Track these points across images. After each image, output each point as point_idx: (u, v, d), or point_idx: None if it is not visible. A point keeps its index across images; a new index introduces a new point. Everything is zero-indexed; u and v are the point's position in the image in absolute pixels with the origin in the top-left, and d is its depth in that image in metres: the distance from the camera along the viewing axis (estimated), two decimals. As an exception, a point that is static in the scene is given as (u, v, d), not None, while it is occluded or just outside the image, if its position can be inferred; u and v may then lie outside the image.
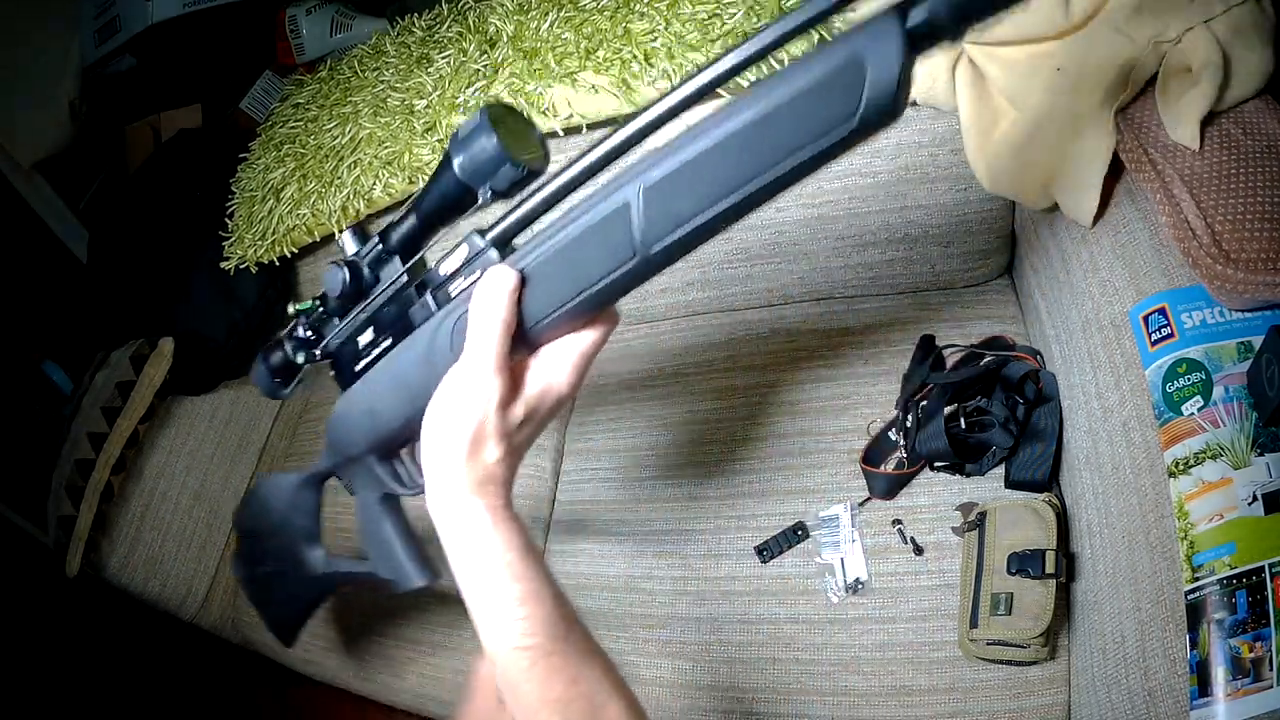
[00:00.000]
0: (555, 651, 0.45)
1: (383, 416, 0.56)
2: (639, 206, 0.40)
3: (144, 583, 1.22)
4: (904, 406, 0.92)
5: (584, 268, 0.42)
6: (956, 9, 0.34)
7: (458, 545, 0.46)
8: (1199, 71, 0.67)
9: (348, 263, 0.53)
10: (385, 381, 0.55)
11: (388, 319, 0.54)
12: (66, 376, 1.51)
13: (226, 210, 1.27)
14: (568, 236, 0.43)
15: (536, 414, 0.47)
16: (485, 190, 0.46)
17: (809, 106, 0.35)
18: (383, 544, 0.64)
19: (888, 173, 0.95)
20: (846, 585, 0.85)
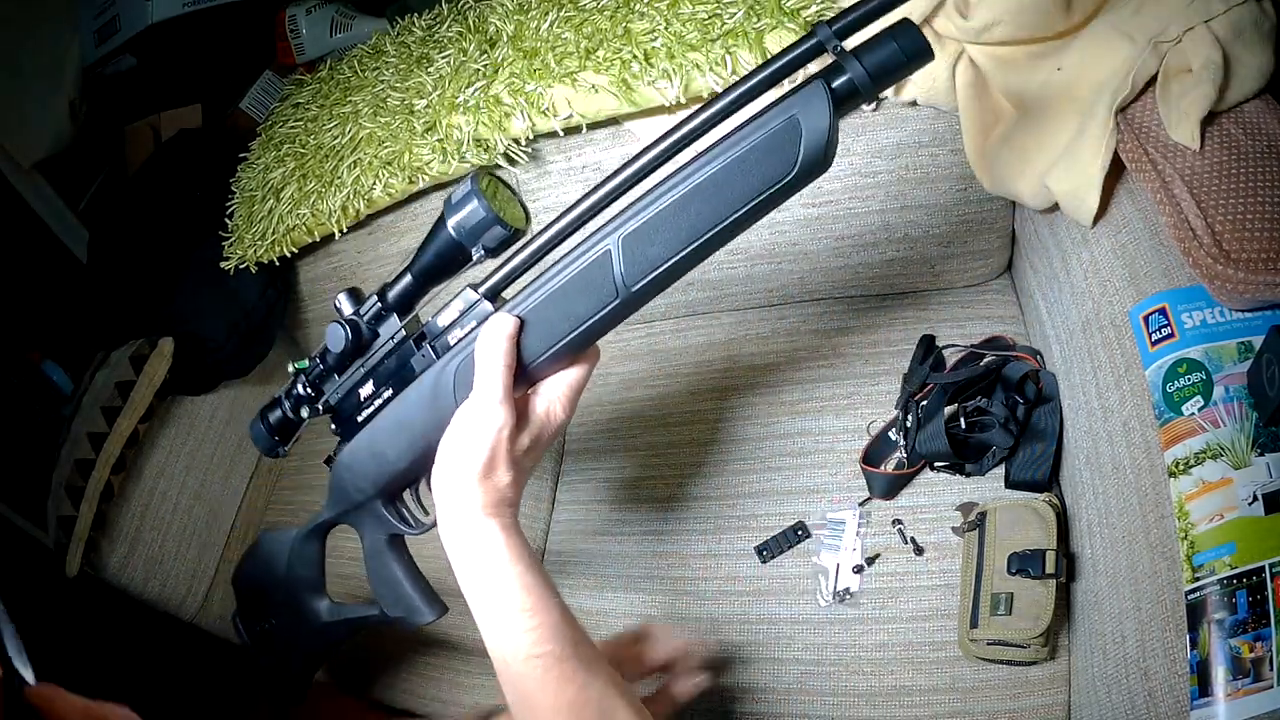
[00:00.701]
0: (566, 658, 0.48)
1: (389, 459, 0.61)
2: (619, 253, 0.47)
3: (144, 583, 1.22)
4: (904, 406, 0.92)
5: (574, 309, 0.49)
6: (872, 75, 0.42)
7: (471, 563, 0.50)
8: (1199, 71, 0.67)
9: (348, 321, 0.58)
10: (391, 427, 0.59)
11: (388, 371, 0.59)
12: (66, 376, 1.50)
13: (226, 210, 1.27)
14: (559, 283, 0.49)
15: (539, 440, 0.53)
16: (478, 249, 0.52)
17: (756, 162, 0.43)
18: (392, 583, 0.67)
19: (888, 173, 0.95)
20: (834, 591, 0.85)
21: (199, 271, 1.27)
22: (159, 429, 1.28)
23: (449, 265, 0.55)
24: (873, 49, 0.43)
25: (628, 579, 0.96)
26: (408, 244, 1.22)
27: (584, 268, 0.48)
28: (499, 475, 0.51)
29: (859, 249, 1.03)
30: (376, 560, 0.68)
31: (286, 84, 1.37)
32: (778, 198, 0.44)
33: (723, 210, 0.45)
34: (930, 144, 0.93)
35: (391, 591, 0.67)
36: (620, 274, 0.47)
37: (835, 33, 0.43)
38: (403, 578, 0.67)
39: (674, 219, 0.45)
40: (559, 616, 0.49)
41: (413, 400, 0.57)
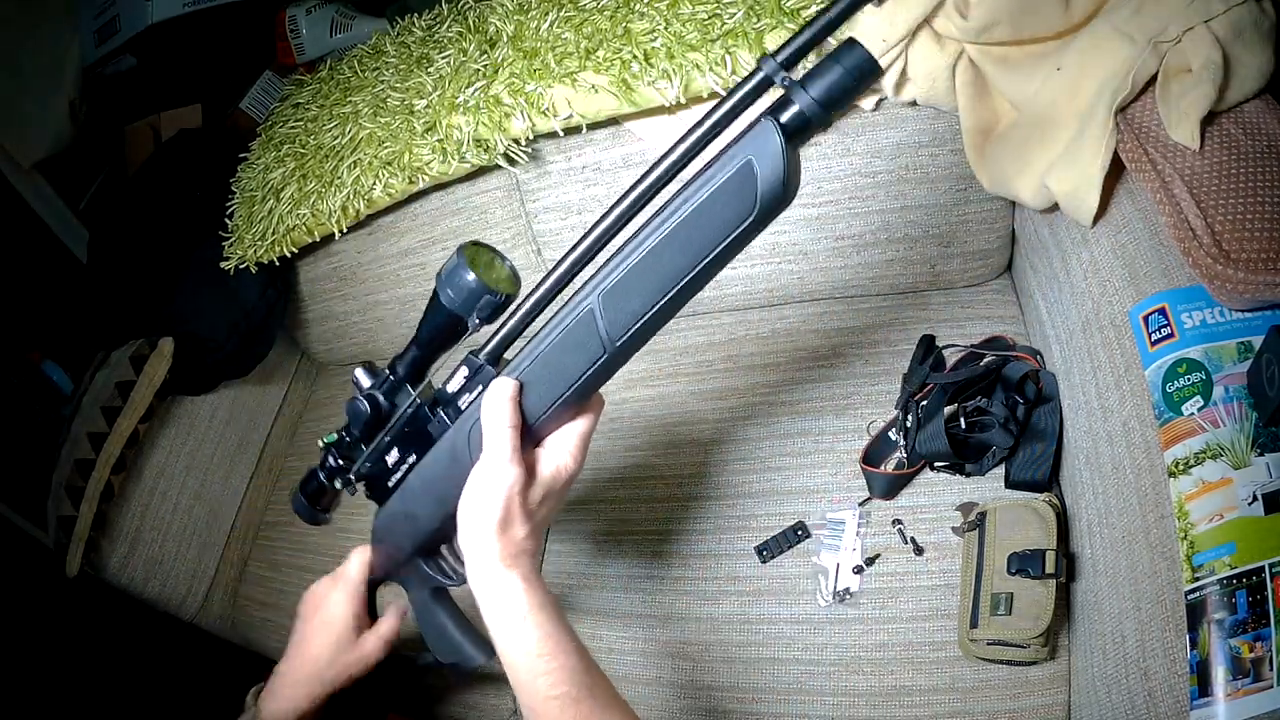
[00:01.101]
0: (581, 700, 0.51)
1: (421, 520, 0.64)
2: (600, 311, 0.48)
3: (144, 583, 1.22)
4: (904, 406, 0.92)
5: (566, 368, 0.51)
6: (822, 103, 0.42)
7: (494, 611, 0.54)
8: (1199, 71, 0.67)
9: (366, 396, 0.62)
10: (419, 490, 0.62)
11: (408, 438, 0.62)
12: (66, 376, 1.51)
13: (226, 210, 1.27)
14: (550, 344, 0.51)
15: (552, 493, 0.56)
16: (473, 318, 0.55)
17: (718, 209, 0.44)
18: (442, 632, 0.70)
19: (888, 173, 0.95)
20: (834, 592, 0.85)
21: (199, 271, 1.27)
22: (159, 429, 1.28)
23: (449, 335, 0.58)
24: (819, 76, 0.42)
25: (628, 578, 0.96)
26: (407, 244, 1.22)
27: (571, 327, 0.50)
28: (515, 529, 0.54)
29: (859, 249, 1.03)
30: (425, 612, 0.71)
31: (286, 84, 1.37)
32: (745, 238, 0.45)
33: (693, 258, 0.46)
34: (930, 144, 0.93)
35: (442, 640, 0.70)
36: (605, 330, 0.49)
37: (782, 64, 0.43)
38: (451, 627, 0.70)
39: (647, 272, 0.47)
40: (576, 661, 0.53)
41: (434, 463, 0.60)
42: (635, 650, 0.91)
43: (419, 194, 1.14)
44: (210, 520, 1.31)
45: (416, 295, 1.29)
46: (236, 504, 1.35)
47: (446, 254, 1.28)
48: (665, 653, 0.90)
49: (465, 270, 0.53)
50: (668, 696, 0.88)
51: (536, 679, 0.52)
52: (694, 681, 0.87)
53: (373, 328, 1.37)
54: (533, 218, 1.12)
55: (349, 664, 0.70)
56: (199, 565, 1.28)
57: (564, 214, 1.09)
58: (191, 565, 1.27)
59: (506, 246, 1.18)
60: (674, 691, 0.88)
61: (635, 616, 0.93)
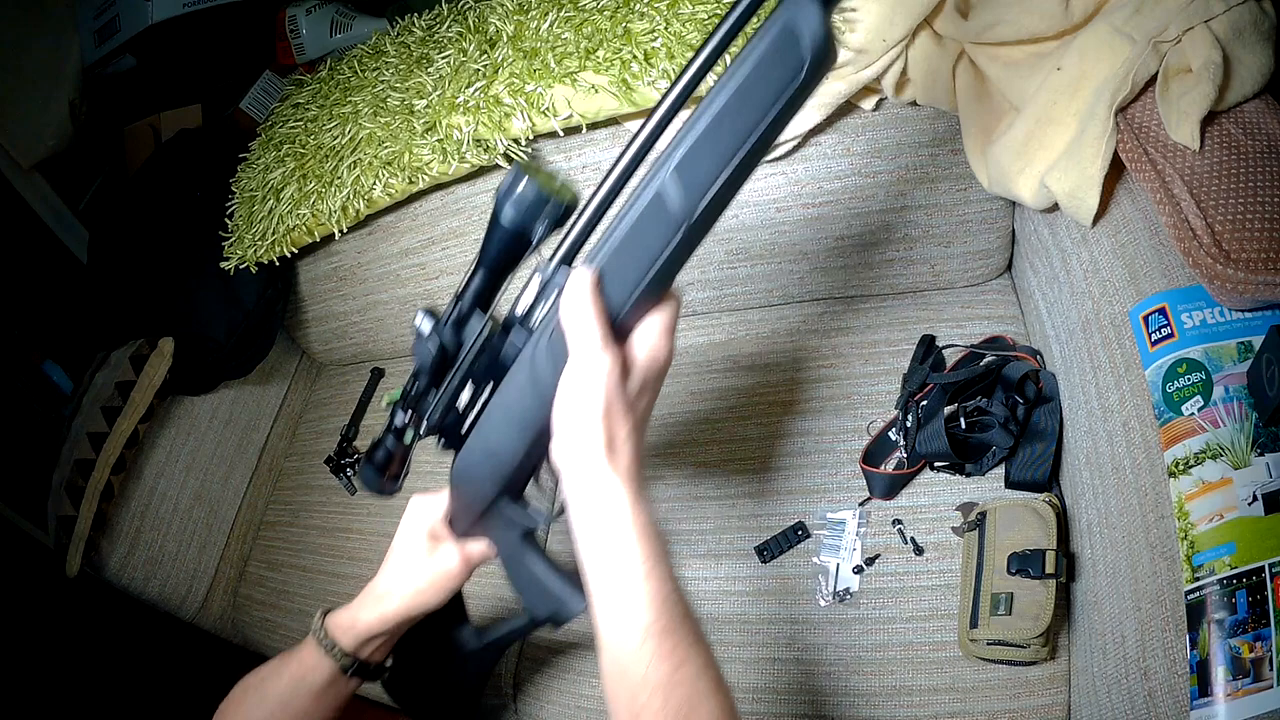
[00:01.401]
0: (667, 631, 0.47)
1: (504, 455, 0.60)
2: (673, 185, 0.48)
3: (144, 583, 1.22)
4: (904, 406, 0.92)
5: (644, 250, 0.50)
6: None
7: (590, 521, 0.50)
8: (1199, 71, 0.67)
9: (431, 335, 0.58)
10: (497, 422, 0.59)
11: (481, 371, 0.58)
12: (66, 376, 1.51)
13: (226, 210, 1.27)
14: (623, 232, 0.50)
15: (649, 382, 0.52)
16: (538, 228, 0.53)
17: (769, 72, 0.46)
18: (534, 581, 0.66)
19: (888, 173, 0.95)
20: (835, 591, 0.85)
21: (199, 271, 1.27)
22: (159, 429, 1.28)
23: (514, 253, 0.55)
24: None
25: (628, 579, 0.96)
26: (407, 244, 1.22)
27: (644, 208, 0.49)
28: (617, 425, 0.50)
29: (859, 249, 1.03)
30: (514, 563, 0.67)
31: (286, 84, 1.37)
32: (798, 98, 0.47)
33: (751, 121, 0.47)
34: (930, 144, 0.93)
35: (536, 590, 0.66)
36: (679, 203, 0.49)
37: None
38: (544, 573, 0.65)
39: (712, 140, 0.48)
40: (670, 589, 0.48)
41: (513, 387, 0.57)
42: (635, 650, 0.91)
43: (419, 194, 1.14)
44: (210, 520, 1.31)
45: (416, 295, 1.29)
46: (236, 504, 1.35)
47: (446, 254, 1.29)
48: (665, 653, 0.90)
49: (525, 181, 0.52)
50: (668, 696, 0.88)
51: (624, 600, 0.47)
52: (694, 681, 0.87)
53: (373, 328, 1.37)
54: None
55: (425, 575, 0.66)
56: (199, 565, 1.28)
57: (564, 214, 1.09)
58: (191, 565, 1.27)
59: (506, 246, 1.18)
60: (674, 691, 0.88)
61: (635, 616, 0.93)
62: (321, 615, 0.69)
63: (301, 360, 1.54)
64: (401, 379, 1.40)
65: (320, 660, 0.67)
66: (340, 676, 0.68)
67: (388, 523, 0.79)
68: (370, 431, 1.34)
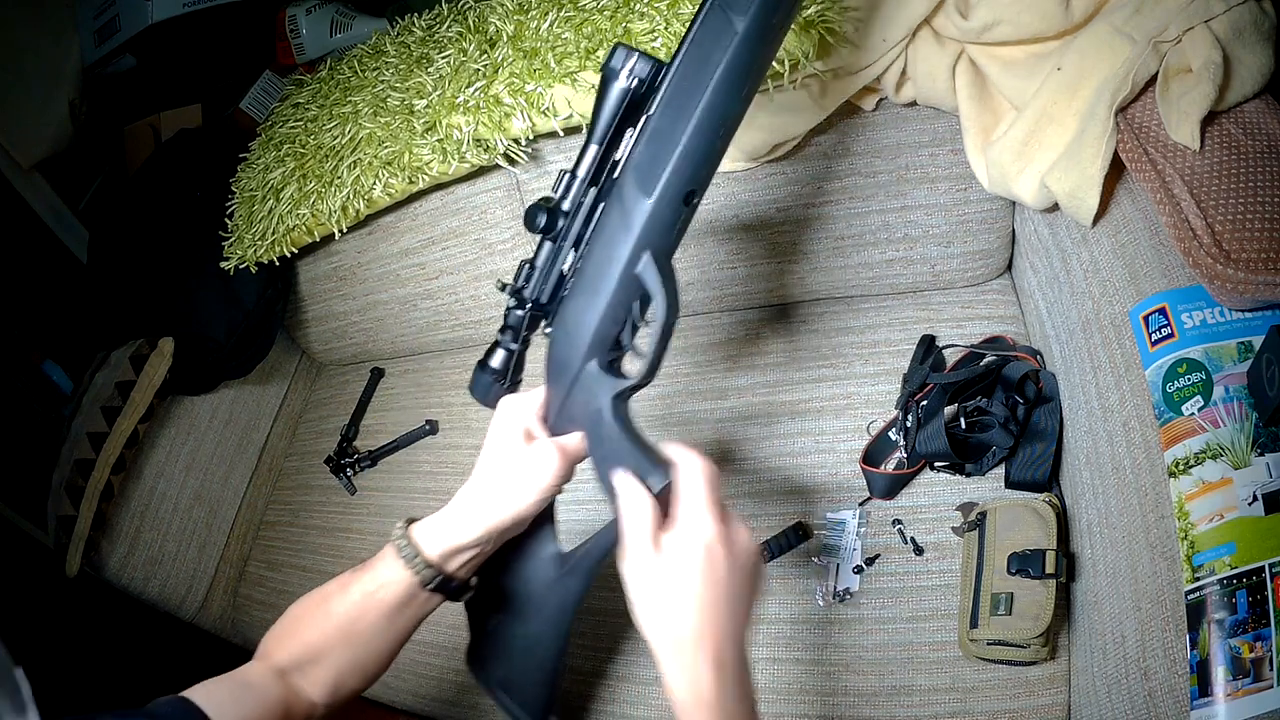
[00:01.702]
0: None
1: (598, 300, 0.59)
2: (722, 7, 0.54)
3: (144, 583, 1.22)
4: (904, 406, 0.92)
5: (708, 63, 0.55)
6: None
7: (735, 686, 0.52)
8: (1199, 71, 0.67)
9: (544, 205, 0.61)
10: (598, 262, 0.59)
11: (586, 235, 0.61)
12: (66, 376, 1.50)
13: (226, 210, 1.27)
14: (687, 51, 0.55)
15: None
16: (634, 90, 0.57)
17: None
18: (617, 458, 0.62)
19: (888, 173, 0.95)
20: (835, 591, 0.85)
21: (199, 271, 1.27)
22: (159, 429, 1.28)
23: (626, 116, 0.58)
24: None
25: (628, 579, 0.96)
26: (407, 244, 1.22)
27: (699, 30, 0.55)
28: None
29: (859, 249, 1.03)
30: (600, 443, 0.62)
31: (286, 84, 1.37)
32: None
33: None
34: (930, 144, 0.93)
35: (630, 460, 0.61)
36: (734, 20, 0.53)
37: None
38: (628, 448, 0.61)
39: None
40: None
41: (606, 229, 0.58)
42: (635, 650, 0.91)
43: (419, 194, 1.14)
44: (210, 520, 1.31)
45: (416, 295, 1.29)
46: (236, 504, 1.35)
47: (446, 254, 1.29)
48: (665, 653, 0.90)
49: (635, 54, 0.56)
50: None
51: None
52: (694, 681, 0.87)
53: (372, 328, 1.37)
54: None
55: (523, 474, 0.61)
56: (198, 565, 1.28)
57: (564, 214, 1.09)
58: (191, 565, 1.27)
59: (507, 246, 1.18)
60: (674, 691, 0.87)
61: (635, 616, 0.93)
62: (405, 524, 0.63)
63: (301, 360, 1.54)
64: (401, 378, 1.40)
65: (398, 573, 0.61)
66: (419, 592, 0.61)
67: (387, 523, 0.79)
68: (370, 431, 1.34)
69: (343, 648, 0.61)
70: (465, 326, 1.31)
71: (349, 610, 0.62)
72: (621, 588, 0.99)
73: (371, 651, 0.62)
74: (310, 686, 0.61)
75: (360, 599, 0.62)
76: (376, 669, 0.64)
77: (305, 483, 1.35)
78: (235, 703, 0.57)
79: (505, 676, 0.71)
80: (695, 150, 0.55)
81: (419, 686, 1.03)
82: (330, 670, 0.61)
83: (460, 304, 1.27)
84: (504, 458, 0.62)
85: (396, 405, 1.35)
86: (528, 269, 0.63)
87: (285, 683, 0.60)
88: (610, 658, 0.92)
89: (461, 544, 0.61)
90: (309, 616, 0.63)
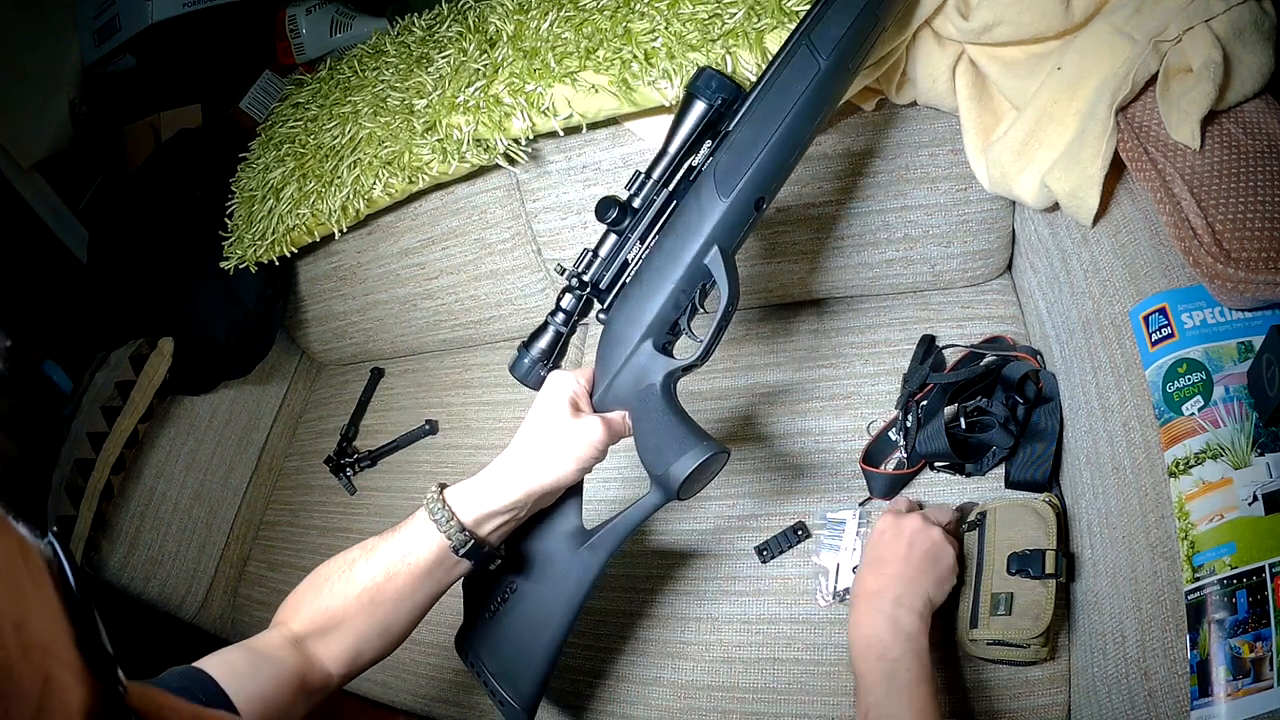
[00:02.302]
0: None
1: (665, 283, 0.66)
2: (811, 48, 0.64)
3: (144, 583, 1.22)
4: (904, 406, 0.92)
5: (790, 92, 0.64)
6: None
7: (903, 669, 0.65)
8: (1200, 71, 0.67)
9: (612, 199, 0.68)
10: (664, 253, 0.66)
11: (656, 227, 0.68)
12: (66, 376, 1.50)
13: (226, 210, 1.27)
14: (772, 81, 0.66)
15: None
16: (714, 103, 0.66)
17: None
18: (659, 433, 0.65)
19: (888, 173, 0.95)
20: (835, 591, 0.85)
21: (199, 271, 1.27)
22: (159, 429, 1.28)
23: (704, 131, 0.66)
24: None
25: (628, 578, 0.96)
26: (407, 244, 1.22)
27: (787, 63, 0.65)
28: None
29: (859, 249, 1.03)
30: (644, 419, 0.66)
31: (286, 84, 1.37)
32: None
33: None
34: (930, 144, 0.93)
35: (660, 444, 0.65)
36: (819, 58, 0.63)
37: None
38: (672, 423, 0.65)
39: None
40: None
41: (684, 218, 0.65)
42: (635, 650, 0.91)
43: (419, 194, 1.14)
44: (210, 520, 1.31)
45: (416, 295, 1.29)
46: (236, 504, 1.36)
47: (446, 253, 1.29)
48: (665, 653, 0.90)
49: (715, 74, 0.66)
50: (668, 696, 0.88)
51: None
52: (694, 681, 0.87)
53: (372, 328, 1.37)
54: (533, 217, 1.12)
55: (566, 444, 0.63)
56: (198, 565, 1.28)
57: (564, 214, 1.09)
58: (191, 565, 1.27)
59: (507, 246, 1.18)
60: (674, 691, 0.88)
61: (635, 616, 0.93)
62: (437, 489, 0.64)
63: (301, 360, 1.54)
64: (401, 378, 1.40)
65: (429, 537, 0.61)
66: (448, 557, 0.62)
67: (386, 523, 0.79)
68: (370, 431, 1.34)
69: (365, 614, 0.61)
70: (465, 326, 1.31)
71: (375, 575, 0.61)
72: (623, 589, 0.99)
73: (394, 619, 0.62)
74: (328, 655, 0.61)
75: (387, 563, 0.61)
76: (398, 637, 0.64)
77: (305, 483, 1.35)
78: (251, 672, 0.55)
79: (500, 664, 0.72)
80: (769, 164, 0.64)
81: (419, 686, 1.03)
82: (350, 637, 0.61)
83: (460, 304, 1.27)
84: (550, 427, 0.64)
85: (396, 405, 1.35)
86: (590, 256, 0.70)
87: (301, 652, 0.59)
88: (610, 658, 0.92)
89: (498, 508, 0.62)
90: (331, 582, 0.62)
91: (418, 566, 0.61)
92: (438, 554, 0.61)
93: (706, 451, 0.62)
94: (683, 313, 0.67)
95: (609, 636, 0.93)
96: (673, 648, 0.90)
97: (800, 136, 0.64)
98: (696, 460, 0.62)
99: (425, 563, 0.61)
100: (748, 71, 0.83)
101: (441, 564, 0.62)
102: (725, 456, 0.63)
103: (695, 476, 0.63)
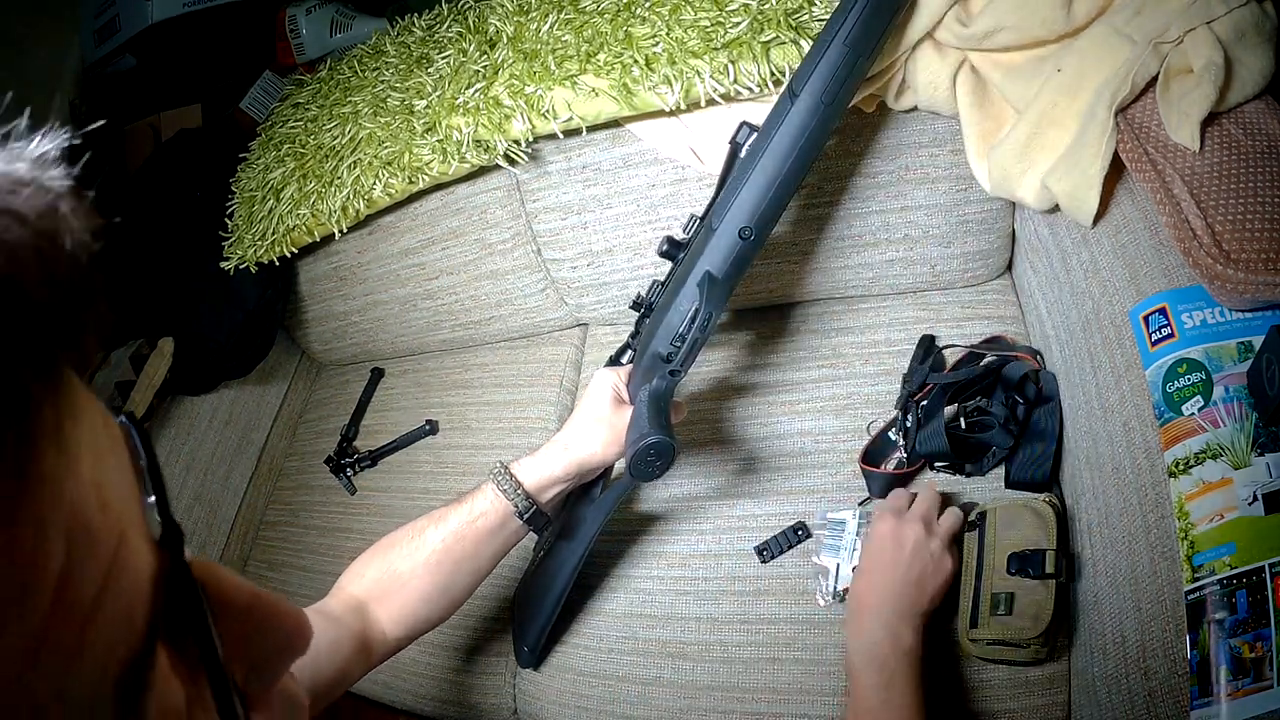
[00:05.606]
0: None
1: (674, 303, 0.76)
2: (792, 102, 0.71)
3: (144, 583, 1.22)
4: (904, 406, 0.92)
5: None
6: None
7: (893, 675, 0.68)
8: (1200, 72, 0.67)
9: (668, 236, 0.78)
10: (679, 276, 0.76)
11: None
12: (66, 377, 1.50)
13: (226, 210, 1.27)
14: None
15: None
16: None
17: None
18: (637, 419, 0.75)
19: (888, 173, 0.96)
20: (835, 591, 0.85)
21: (199, 272, 1.27)
22: (159, 429, 1.28)
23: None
24: None
25: (627, 578, 0.96)
26: (407, 244, 1.22)
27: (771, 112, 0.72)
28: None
29: (859, 249, 1.03)
30: (638, 409, 0.76)
31: (286, 84, 1.37)
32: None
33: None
34: (930, 144, 0.93)
35: (634, 429, 0.74)
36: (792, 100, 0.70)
37: None
38: (642, 410, 0.74)
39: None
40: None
41: (695, 246, 0.75)
42: (635, 650, 0.91)
43: (419, 194, 1.14)
44: (210, 520, 1.31)
45: (416, 295, 1.29)
46: (236, 504, 1.35)
47: (446, 254, 1.29)
48: (665, 653, 0.90)
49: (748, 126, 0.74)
50: (668, 696, 0.88)
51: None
52: (694, 681, 0.87)
53: (372, 328, 1.37)
54: (533, 217, 1.12)
55: (613, 427, 0.76)
56: (199, 565, 1.28)
57: (564, 214, 1.09)
58: (191, 565, 1.27)
59: (507, 246, 1.18)
60: (674, 691, 0.88)
61: (635, 616, 0.93)
62: (501, 465, 0.75)
63: (301, 360, 1.54)
64: (401, 378, 1.40)
65: (495, 504, 0.73)
66: (511, 521, 0.74)
67: (387, 524, 0.79)
68: (370, 431, 1.34)
69: (431, 574, 0.70)
70: (465, 326, 1.31)
71: (445, 537, 0.71)
72: (622, 589, 0.99)
73: (456, 579, 0.72)
74: (388, 616, 0.69)
75: (458, 526, 0.72)
76: (457, 599, 0.74)
77: (305, 483, 1.35)
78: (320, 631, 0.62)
79: (522, 603, 0.92)
80: (748, 199, 0.71)
81: (419, 686, 1.03)
82: (414, 597, 0.70)
83: (460, 304, 1.27)
84: (600, 413, 0.78)
85: (396, 405, 1.35)
86: (658, 286, 0.83)
87: (362, 615, 0.68)
88: (611, 658, 0.92)
89: (556, 476, 0.75)
90: (399, 546, 0.72)
91: (484, 529, 0.72)
92: (502, 517, 0.73)
93: (649, 438, 0.70)
94: (685, 326, 0.76)
95: (609, 636, 0.93)
96: (673, 648, 0.90)
97: (774, 175, 0.71)
98: (636, 446, 0.70)
99: (491, 524, 0.72)
100: (749, 82, 0.84)
101: (505, 527, 0.73)
102: (669, 445, 0.70)
103: (641, 458, 0.70)
